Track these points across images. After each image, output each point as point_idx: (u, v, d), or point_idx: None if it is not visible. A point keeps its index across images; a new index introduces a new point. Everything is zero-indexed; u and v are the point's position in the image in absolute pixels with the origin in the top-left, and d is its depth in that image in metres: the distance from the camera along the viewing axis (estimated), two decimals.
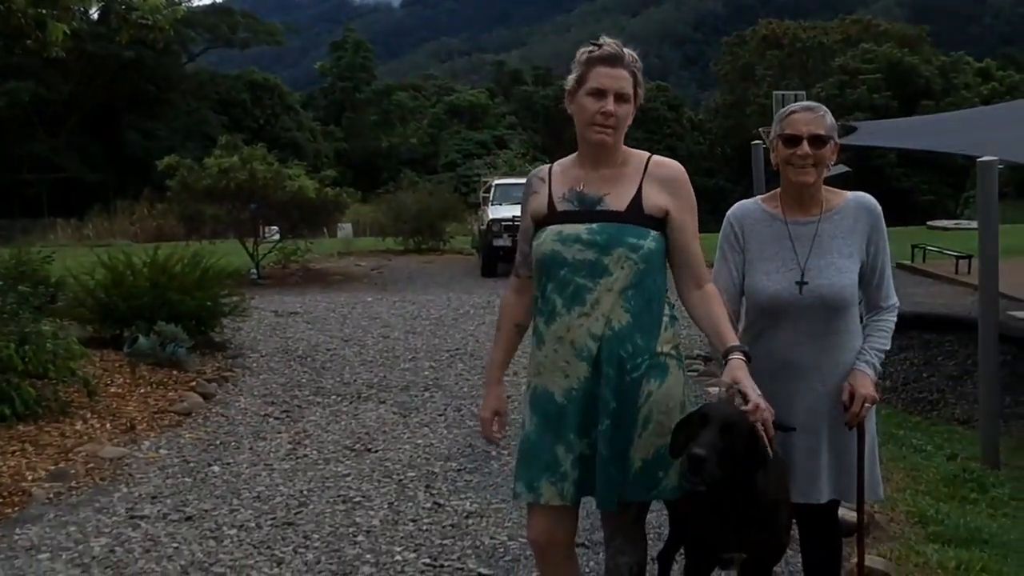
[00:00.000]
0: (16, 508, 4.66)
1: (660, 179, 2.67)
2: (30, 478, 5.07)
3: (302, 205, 17.16)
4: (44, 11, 6.23)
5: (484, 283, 17.16)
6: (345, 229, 26.81)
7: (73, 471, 5.21)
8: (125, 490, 4.97)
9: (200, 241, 16.96)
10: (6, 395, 5.87)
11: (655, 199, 2.63)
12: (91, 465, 5.37)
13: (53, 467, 5.28)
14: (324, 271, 19.48)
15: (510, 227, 17.68)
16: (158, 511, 4.61)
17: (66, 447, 5.67)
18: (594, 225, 2.59)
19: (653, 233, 2.61)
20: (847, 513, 3.41)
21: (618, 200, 2.62)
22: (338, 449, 5.85)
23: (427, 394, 7.67)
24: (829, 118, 2.90)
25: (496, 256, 18.18)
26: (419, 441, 6.07)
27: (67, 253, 11.08)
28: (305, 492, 4.93)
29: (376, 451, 5.81)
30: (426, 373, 8.59)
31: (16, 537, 4.27)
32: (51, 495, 4.87)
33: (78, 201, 38.88)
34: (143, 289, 8.97)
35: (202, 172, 16.81)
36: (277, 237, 18.37)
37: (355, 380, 8.26)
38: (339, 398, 7.52)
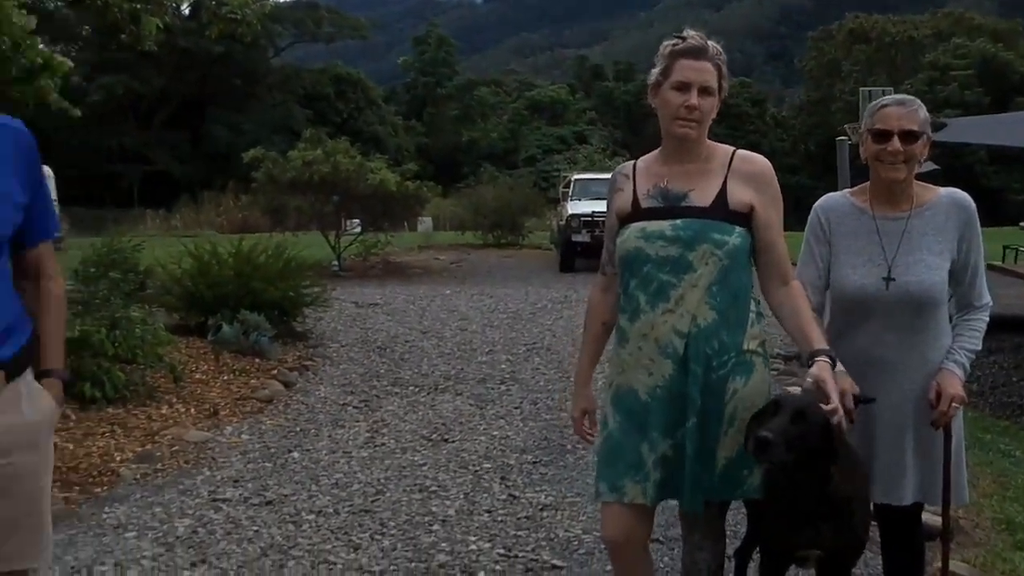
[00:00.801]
0: (105, 487, 4.81)
1: (745, 174, 2.62)
2: (118, 459, 5.23)
3: (383, 198, 17.33)
4: (139, 6, 6.40)
5: (562, 278, 17.15)
6: (425, 223, 27.01)
7: (159, 453, 5.36)
8: (208, 473, 5.10)
9: (284, 233, 17.28)
10: (97, 379, 6.05)
11: (740, 194, 2.59)
12: (176, 448, 5.52)
13: (140, 449, 5.44)
14: (404, 264, 19.67)
15: (589, 223, 17.64)
16: (239, 495, 4.71)
17: (152, 430, 5.83)
18: (678, 221, 2.56)
19: (738, 229, 2.57)
20: (931, 517, 3.34)
21: (702, 196, 2.59)
22: (415, 439, 5.91)
23: (503, 387, 7.70)
24: (922, 112, 2.82)
25: (574, 251, 18.15)
26: (495, 433, 6.10)
27: (156, 243, 11.37)
28: (382, 480, 5.00)
29: (452, 442, 5.85)
30: (503, 366, 8.62)
31: (104, 515, 4.41)
32: (138, 476, 5.01)
33: (166, 193, 39.89)
34: (228, 279, 9.17)
35: (287, 165, 17.09)
36: (359, 230, 18.59)
37: (433, 372, 8.33)
38: (417, 389, 7.59)
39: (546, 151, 55.66)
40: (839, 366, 2.53)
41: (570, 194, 19.73)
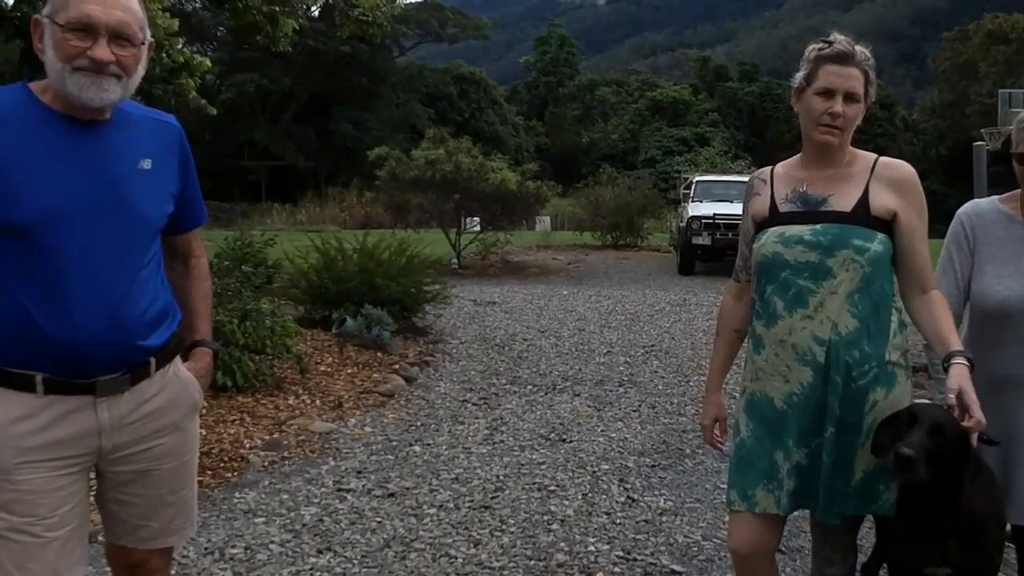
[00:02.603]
0: (236, 473, 4.97)
1: (888, 180, 2.55)
2: (248, 446, 5.40)
3: (503, 197, 17.49)
4: (276, 8, 6.61)
5: (681, 281, 17.00)
6: (544, 222, 27.12)
7: (286, 442, 5.51)
8: (332, 463, 5.22)
9: (405, 229, 17.59)
10: (228, 368, 6.26)
11: (882, 200, 2.52)
12: (302, 437, 5.67)
13: (268, 437, 5.60)
14: (522, 263, 19.78)
15: (710, 225, 17.45)
16: (363, 485, 4.81)
17: (280, 419, 6.01)
18: (818, 226, 2.50)
19: (880, 235, 2.49)
20: None
21: (843, 201, 2.53)
22: (533, 437, 5.94)
23: (621, 389, 7.67)
24: None
25: (694, 254, 17.97)
26: (613, 435, 6.08)
27: (282, 237, 11.71)
28: (501, 477, 5.03)
29: (571, 442, 5.86)
30: (621, 368, 8.58)
31: (235, 500, 4.56)
32: (266, 463, 5.17)
33: (292, 187, 40.98)
34: (352, 274, 9.39)
35: (410, 163, 17.39)
36: (478, 228, 18.80)
37: (551, 371, 8.35)
38: (535, 388, 7.62)
39: (666, 152, 55.27)
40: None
41: (691, 196, 19.53)
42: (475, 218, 18.84)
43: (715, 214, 17.54)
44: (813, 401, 2.51)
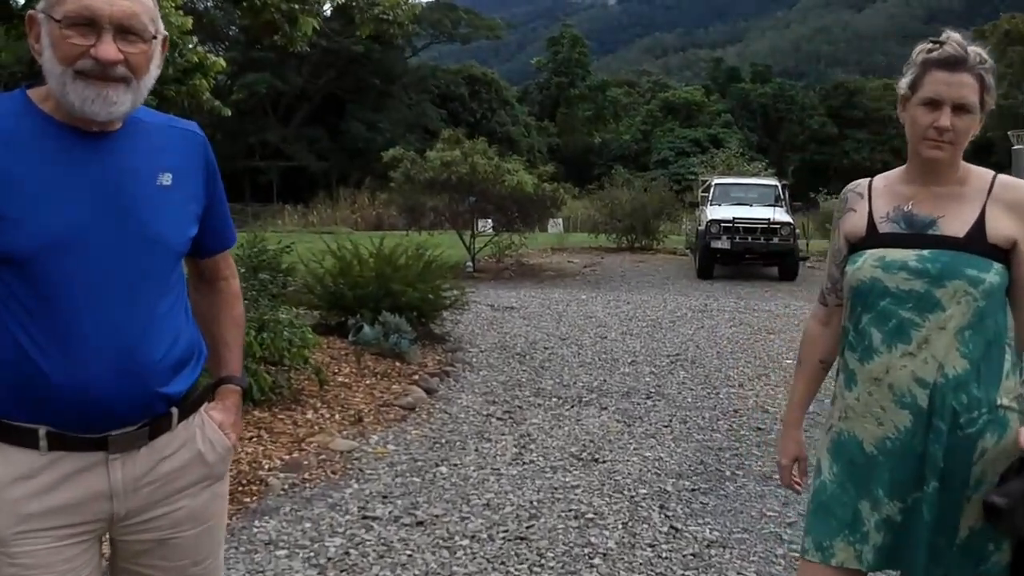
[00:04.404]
0: (254, 498, 4.70)
1: (1008, 203, 2.23)
2: (266, 467, 5.13)
3: (520, 200, 17.23)
4: (296, 6, 6.35)
5: (700, 285, 16.70)
6: (556, 224, 26.84)
7: (306, 462, 5.24)
8: (356, 486, 4.94)
9: (420, 232, 17.35)
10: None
11: (1001, 226, 2.20)
12: (322, 457, 5.40)
13: (287, 456, 5.33)
14: (537, 266, 19.51)
15: (729, 228, 17.17)
16: (389, 512, 4.53)
17: (298, 436, 5.74)
18: (925, 252, 2.20)
19: (996, 265, 2.18)
20: None
21: (955, 224, 2.22)
22: (564, 457, 5.66)
23: (650, 402, 7.40)
24: None
25: (713, 258, 17.69)
26: (647, 454, 5.80)
27: (294, 238, 11.43)
28: (535, 503, 4.75)
29: (604, 462, 5.58)
30: (647, 379, 8.31)
31: (255, 530, 4.28)
32: (286, 486, 4.90)
33: (304, 188, 40.80)
34: (368, 279, 9.13)
35: (425, 165, 17.14)
36: (491, 230, 18.50)
37: (575, 382, 8.08)
38: (559, 401, 7.36)
39: (679, 153, 54.97)
40: None
41: (709, 198, 19.24)
42: (488, 220, 18.56)
43: (734, 218, 17.26)
44: (911, 449, 2.21)
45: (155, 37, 1.82)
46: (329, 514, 4.49)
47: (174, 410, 1.91)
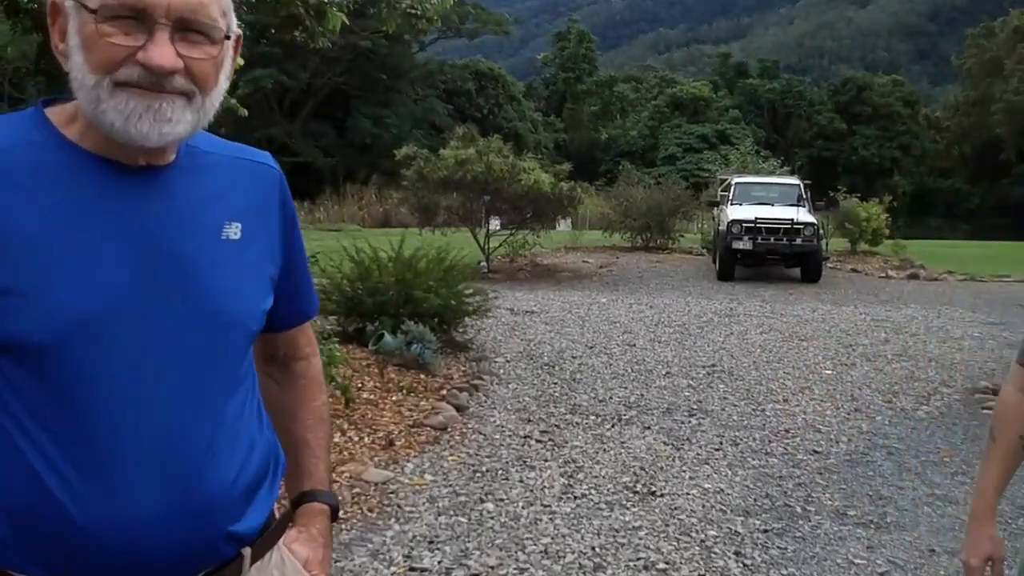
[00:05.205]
0: None
1: None
2: None
3: (536, 199, 16.76)
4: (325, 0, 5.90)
5: (722, 288, 16.23)
6: (566, 222, 26.35)
7: (340, 497, 4.78)
8: (397, 528, 4.46)
9: (432, 231, 16.89)
10: None
11: None
12: (356, 490, 4.93)
13: None
14: (552, 266, 19.06)
15: (751, 229, 16.70)
16: (439, 563, 4.04)
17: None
18: None
19: None
20: None
21: None
22: (617, 489, 5.20)
23: (693, 420, 6.96)
24: None
25: (735, 259, 17.20)
26: (706, 485, 5.34)
27: (304, 236, 10.98)
28: (597, 549, 4.28)
29: (661, 495, 5.12)
30: (686, 393, 7.87)
31: None
32: None
33: (310, 185, 40.30)
34: (388, 284, 8.68)
35: (439, 163, 16.68)
36: (498, 226, 17.89)
37: (610, 397, 7.64)
38: (598, 419, 6.91)
39: (686, 149, 54.58)
40: None
41: (730, 198, 18.74)
42: (496, 218, 17.99)
43: (757, 218, 16.79)
44: None
45: (227, 37, 1.31)
46: (372, 564, 4.00)
47: (246, 551, 1.39)
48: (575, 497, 5.03)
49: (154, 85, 1.22)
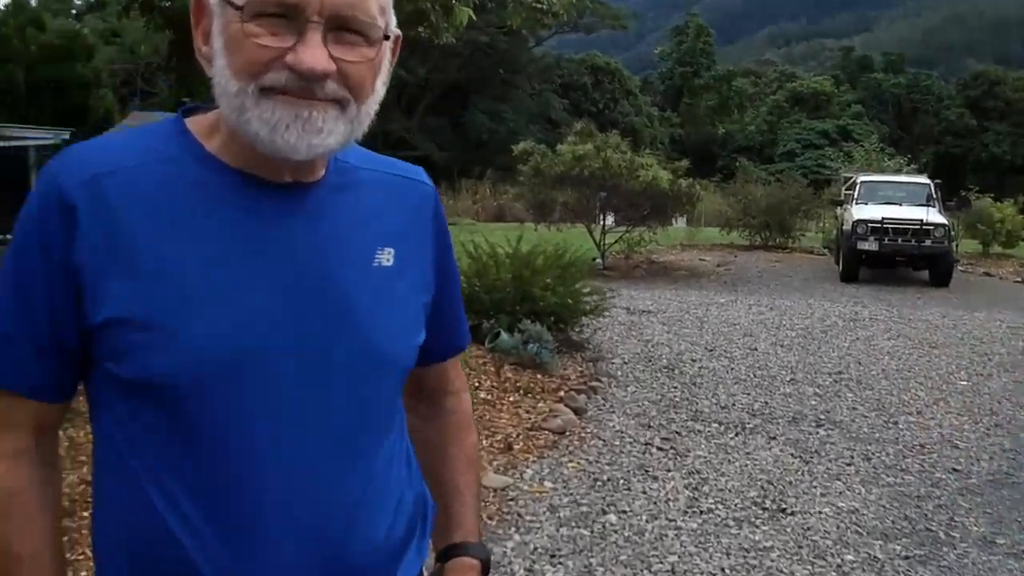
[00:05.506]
0: None
1: None
2: None
3: (654, 196, 16.47)
4: None
5: (845, 290, 15.69)
6: (681, 219, 25.92)
7: None
8: (518, 538, 4.34)
9: (548, 227, 16.77)
10: None
11: None
12: None
13: None
14: (668, 264, 18.76)
15: (878, 229, 16.11)
16: None
17: None
18: None
19: None
20: None
21: None
22: (745, 504, 4.98)
23: (822, 432, 6.67)
24: None
25: (859, 260, 16.62)
26: (839, 503, 5.08)
27: None
28: (728, 571, 4.07)
29: (792, 513, 4.88)
30: (812, 402, 7.56)
31: None
32: None
33: None
34: (506, 282, 8.60)
35: (555, 159, 16.54)
36: (611, 222, 17.63)
37: (733, 404, 7.40)
38: (721, 427, 6.68)
39: (806, 146, 53.37)
40: None
41: (855, 196, 18.11)
42: (611, 214, 17.72)
43: (883, 218, 16.18)
44: None
45: (387, 37, 1.17)
46: None
47: None
48: (701, 512, 4.83)
49: (304, 91, 1.09)
